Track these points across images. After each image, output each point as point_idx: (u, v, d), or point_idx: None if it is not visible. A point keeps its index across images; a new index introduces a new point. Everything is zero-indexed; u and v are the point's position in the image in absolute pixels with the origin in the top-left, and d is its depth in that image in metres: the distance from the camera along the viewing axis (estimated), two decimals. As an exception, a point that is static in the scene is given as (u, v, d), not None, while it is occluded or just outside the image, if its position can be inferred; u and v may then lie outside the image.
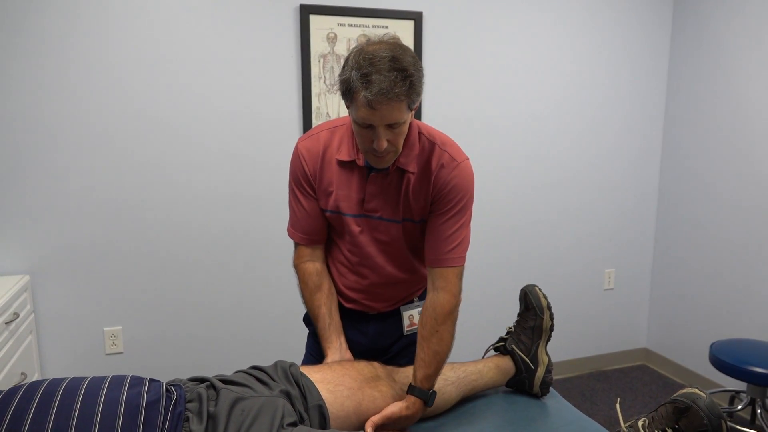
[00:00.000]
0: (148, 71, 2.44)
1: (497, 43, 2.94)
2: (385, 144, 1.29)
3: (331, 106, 2.70)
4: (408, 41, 2.76)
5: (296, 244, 1.57)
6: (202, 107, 2.53)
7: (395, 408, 1.37)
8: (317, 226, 1.52)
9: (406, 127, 1.33)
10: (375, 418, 1.35)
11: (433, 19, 2.80)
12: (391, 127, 1.28)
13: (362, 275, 1.53)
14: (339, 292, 1.59)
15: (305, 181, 1.49)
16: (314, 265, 1.56)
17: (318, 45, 2.63)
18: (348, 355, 1.54)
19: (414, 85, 1.24)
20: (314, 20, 2.61)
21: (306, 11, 2.58)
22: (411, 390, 1.40)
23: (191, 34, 2.47)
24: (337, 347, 1.53)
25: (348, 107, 1.31)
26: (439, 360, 1.40)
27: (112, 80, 2.40)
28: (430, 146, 1.44)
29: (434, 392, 1.41)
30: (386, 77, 1.20)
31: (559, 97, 3.11)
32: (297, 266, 1.57)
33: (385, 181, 1.43)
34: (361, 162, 1.42)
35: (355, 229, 1.48)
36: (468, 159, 1.45)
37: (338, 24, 2.64)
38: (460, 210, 1.43)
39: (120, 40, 2.38)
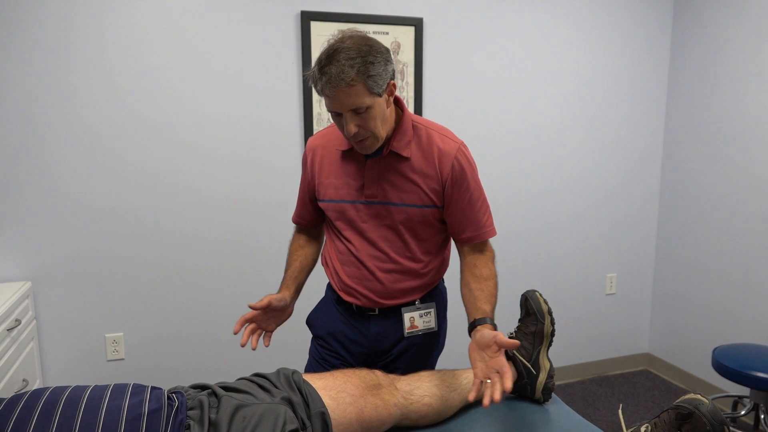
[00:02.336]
0: (149, 78, 2.45)
1: (497, 48, 2.95)
2: (353, 129, 1.35)
3: (332, 112, 2.70)
4: (409, 47, 2.77)
5: None
6: (203, 113, 2.54)
7: (488, 335, 1.33)
8: (304, 212, 1.72)
9: (376, 112, 1.36)
10: (478, 373, 1.32)
11: (433, 25, 2.81)
12: (357, 112, 1.33)
13: (363, 261, 1.55)
14: (341, 284, 1.61)
15: (305, 174, 1.65)
16: (305, 236, 1.76)
17: (319, 51, 2.63)
18: (287, 294, 1.61)
19: (367, 68, 1.29)
20: (315, 27, 2.61)
21: (307, 18, 2.59)
22: (488, 321, 1.41)
23: (192, 40, 2.48)
24: (288, 290, 1.63)
25: None
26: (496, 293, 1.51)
27: (113, 87, 2.41)
28: (426, 132, 1.49)
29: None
30: (336, 65, 1.28)
31: (560, 101, 3.11)
32: (294, 234, 1.80)
33: (382, 167, 1.48)
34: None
35: (357, 215, 1.53)
36: (463, 141, 1.54)
37: (339, 31, 2.64)
38: (476, 184, 1.52)
39: (121, 47, 2.39)
